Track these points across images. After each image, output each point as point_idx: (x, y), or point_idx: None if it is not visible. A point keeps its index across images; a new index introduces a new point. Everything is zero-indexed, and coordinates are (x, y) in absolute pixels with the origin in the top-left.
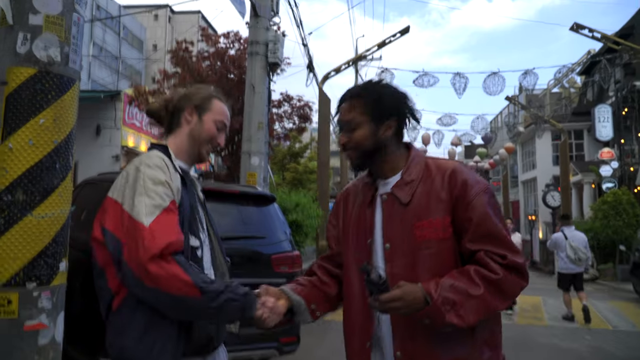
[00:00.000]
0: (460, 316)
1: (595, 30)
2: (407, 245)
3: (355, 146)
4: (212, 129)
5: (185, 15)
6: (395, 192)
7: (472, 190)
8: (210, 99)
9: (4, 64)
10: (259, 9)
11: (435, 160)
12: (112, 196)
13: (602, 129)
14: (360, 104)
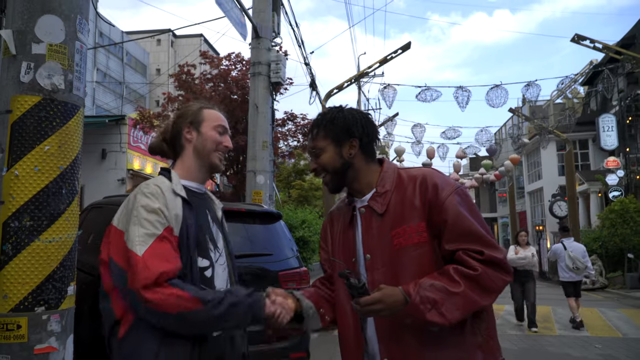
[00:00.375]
0: (442, 314)
1: (596, 41)
2: (386, 254)
3: (323, 169)
4: (213, 135)
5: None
6: (371, 204)
7: (443, 193)
8: (200, 111)
9: (8, 92)
10: (260, 30)
11: (407, 170)
12: (115, 225)
13: (607, 138)
14: (321, 130)
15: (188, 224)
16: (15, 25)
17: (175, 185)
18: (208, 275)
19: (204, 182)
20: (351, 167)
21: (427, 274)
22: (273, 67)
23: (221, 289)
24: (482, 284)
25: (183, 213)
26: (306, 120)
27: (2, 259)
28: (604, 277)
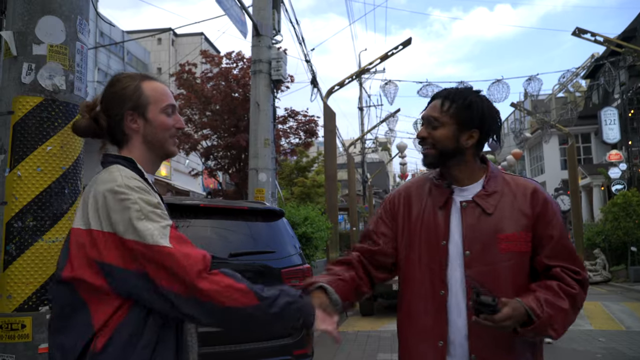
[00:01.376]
0: (555, 330)
1: (597, 34)
2: (488, 254)
3: (433, 144)
4: (165, 121)
5: (188, 37)
6: (478, 201)
7: (552, 210)
8: (140, 89)
9: (10, 93)
10: (260, 28)
11: (513, 177)
12: (95, 228)
13: (609, 132)
14: (452, 107)
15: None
16: (16, 26)
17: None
18: None
19: (156, 171)
20: (460, 155)
21: (520, 281)
22: (274, 64)
23: None
24: (577, 302)
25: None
26: (307, 117)
27: (6, 259)
28: (607, 271)
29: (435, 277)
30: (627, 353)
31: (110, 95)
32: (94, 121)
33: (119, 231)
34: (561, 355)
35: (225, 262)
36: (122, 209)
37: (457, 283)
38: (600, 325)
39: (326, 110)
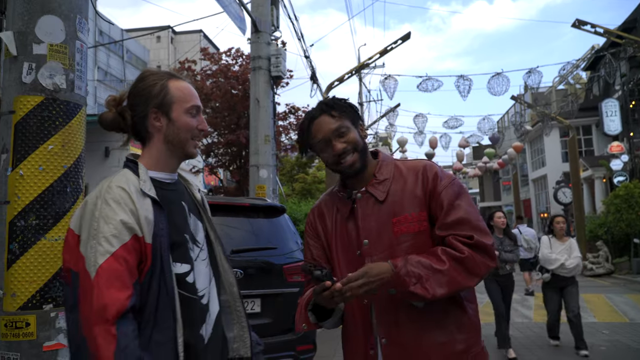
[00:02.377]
0: (425, 288)
1: (597, 26)
2: (385, 240)
3: (354, 147)
4: (188, 122)
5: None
6: (370, 190)
7: (442, 182)
8: (167, 88)
9: (11, 93)
10: (259, 24)
11: (405, 162)
12: (72, 228)
13: (611, 123)
14: (342, 112)
15: (160, 228)
16: (16, 26)
17: (143, 183)
18: (190, 280)
19: (175, 171)
20: (366, 150)
21: None
22: (273, 61)
23: (204, 288)
24: (467, 266)
25: (154, 216)
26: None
27: (10, 258)
28: (610, 263)
29: None
30: (631, 345)
31: (137, 91)
32: (120, 115)
33: (80, 239)
34: (564, 348)
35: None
36: (90, 219)
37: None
38: (603, 317)
39: None
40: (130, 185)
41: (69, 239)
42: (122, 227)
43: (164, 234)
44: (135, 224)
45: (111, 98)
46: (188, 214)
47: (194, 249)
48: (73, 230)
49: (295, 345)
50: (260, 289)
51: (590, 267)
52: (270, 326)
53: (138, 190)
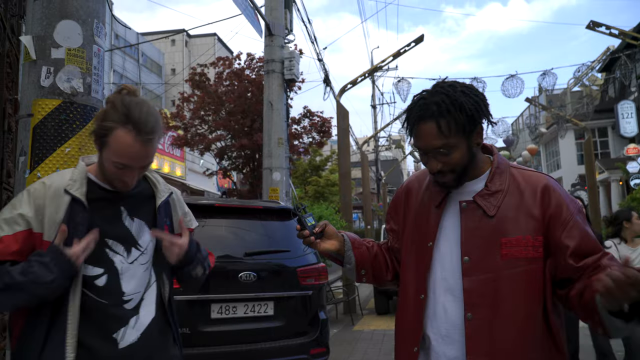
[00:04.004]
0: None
1: (612, 27)
2: (489, 261)
3: (452, 169)
4: (111, 169)
5: (201, 38)
6: (479, 201)
7: (569, 211)
8: (111, 131)
9: (30, 96)
10: (273, 27)
11: (522, 171)
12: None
13: (627, 125)
14: (449, 123)
15: (72, 227)
16: (35, 31)
17: (72, 184)
18: (100, 284)
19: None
20: (474, 158)
21: (530, 292)
22: (287, 64)
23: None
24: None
25: (66, 215)
26: (321, 119)
27: None
28: None
29: (419, 280)
30: None
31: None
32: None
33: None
34: (579, 352)
35: (240, 261)
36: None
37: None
38: None
39: (339, 109)
40: (55, 183)
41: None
42: (19, 218)
43: (79, 233)
44: (34, 219)
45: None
46: (127, 219)
47: (124, 253)
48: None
49: (308, 348)
50: (274, 291)
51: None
52: (283, 329)
53: (60, 189)
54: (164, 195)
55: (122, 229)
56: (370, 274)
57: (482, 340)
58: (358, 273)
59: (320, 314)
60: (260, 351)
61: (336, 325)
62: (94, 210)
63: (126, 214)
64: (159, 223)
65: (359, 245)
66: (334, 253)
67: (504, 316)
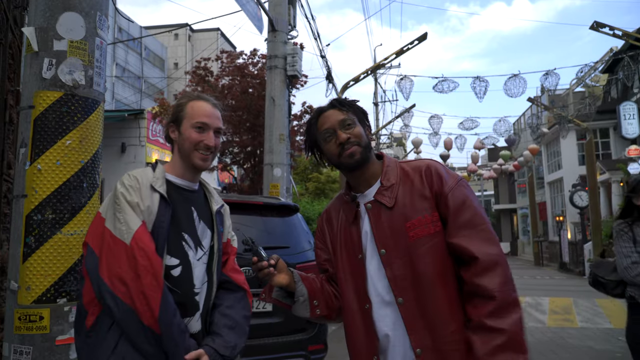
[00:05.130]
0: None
1: (616, 28)
2: (401, 246)
3: (357, 140)
4: (191, 135)
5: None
6: (378, 198)
7: (448, 184)
8: (183, 107)
9: (31, 88)
10: (276, 23)
11: (409, 163)
12: (100, 211)
13: (628, 126)
14: (350, 109)
15: (160, 220)
16: (38, 22)
17: (155, 180)
18: (175, 274)
19: (193, 180)
20: (370, 147)
21: (440, 262)
22: (289, 60)
23: (199, 287)
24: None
25: (158, 209)
26: None
27: (25, 251)
28: None
29: (359, 293)
30: None
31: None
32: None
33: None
34: (579, 353)
35: (240, 257)
36: (113, 200)
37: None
38: (619, 323)
39: None
40: (143, 179)
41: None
42: (138, 208)
43: (164, 227)
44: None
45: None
46: (196, 219)
47: (193, 249)
48: (100, 213)
49: (306, 345)
50: None
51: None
52: (281, 325)
53: (148, 185)
54: (219, 204)
55: (193, 228)
56: (323, 304)
57: (416, 316)
58: (311, 304)
59: None
60: (258, 347)
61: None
62: (175, 207)
63: (196, 214)
64: (216, 227)
65: (306, 278)
66: (282, 290)
67: (427, 290)
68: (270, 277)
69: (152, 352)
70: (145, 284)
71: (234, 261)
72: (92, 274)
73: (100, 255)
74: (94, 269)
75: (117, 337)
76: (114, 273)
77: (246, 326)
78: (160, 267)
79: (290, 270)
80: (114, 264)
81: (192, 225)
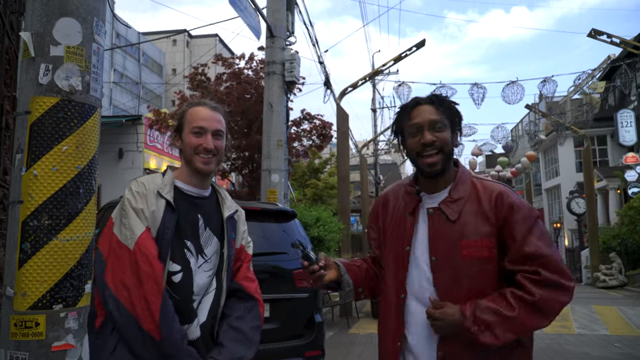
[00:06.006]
0: (495, 335)
1: (614, 36)
2: (452, 261)
3: (442, 146)
4: (190, 140)
5: (202, 39)
6: (443, 208)
7: (518, 213)
8: (184, 114)
9: (28, 94)
10: (274, 29)
11: (482, 181)
12: (112, 216)
13: (626, 134)
14: (446, 110)
15: (165, 227)
16: (34, 28)
17: (163, 187)
18: (176, 280)
19: (201, 186)
20: (451, 155)
21: (487, 287)
22: (287, 66)
23: (198, 295)
24: (539, 307)
25: (163, 215)
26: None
27: (21, 257)
28: (624, 275)
29: (398, 281)
30: None
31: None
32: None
33: (114, 223)
34: (574, 357)
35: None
36: (121, 206)
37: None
38: (616, 330)
39: (339, 112)
40: (151, 185)
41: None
42: (142, 214)
43: (169, 233)
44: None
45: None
46: (202, 227)
47: (195, 257)
48: (112, 217)
49: (304, 350)
50: (270, 293)
51: (603, 279)
52: (279, 331)
53: (155, 191)
54: (232, 209)
55: (197, 236)
56: (367, 290)
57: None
58: (356, 291)
59: (316, 316)
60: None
61: (332, 328)
62: (179, 213)
63: (202, 222)
64: (227, 234)
65: (350, 267)
66: (332, 282)
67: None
68: (321, 278)
69: (148, 358)
70: (147, 290)
71: (248, 268)
72: (99, 278)
73: (107, 260)
74: (101, 273)
75: (116, 341)
76: (118, 278)
77: (255, 337)
78: (161, 273)
79: (337, 264)
80: (118, 269)
81: (196, 232)
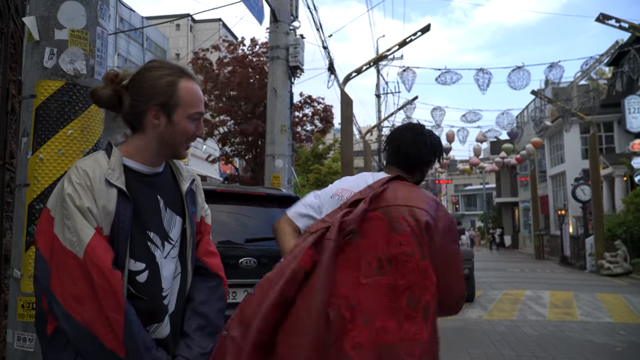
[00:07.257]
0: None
1: (622, 20)
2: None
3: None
4: (187, 127)
5: (206, 23)
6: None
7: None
8: (175, 86)
9: (33, 77)
10: (278, 14)
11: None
12: (49, 207)
13: (633, 120)
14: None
15: (121, 220)
16: (39, 11)
17: (111, 172)
18: (141, 280)
19: (158, 163)
20: None
21: None
22: (291, 51)
23: (168, 288)
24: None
25: (117, 207)
26: (322, 104)
27: (28, 240)
28: (629, 263)
29: None
30: None
31: (142, 81)
32: (117, 96)
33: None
34: (579, 347)
35: (241, 247)
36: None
37: None
38: (620, 318)
39: (343, 97)
40: (96, 172)
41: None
42: (89, 213)
43: (126, 227)
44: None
45: (112, 74)
46: (163, 208)
47: (161, 247)
48: (49, 210)
49: None
50: None
51: (607, 267)
52: None
53: (103, 179)
54: (189, 180)
55: (159, 221)
56: None
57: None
58: None
59: None
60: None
61: None
62: (137, 201)
63: (163, 204)
64: (187, 211)
65: None
66: None
67: None
68: None
69: None
70: (106, 307)
71: (209, 241)
72: (44, 284)
73: (51, 266)
74: (45, 279)
75: (73, 356)
76: (68, 292)
77: (220, 322)
78: (119, 284)
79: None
80: (67, 280)
81: (158, 218)
